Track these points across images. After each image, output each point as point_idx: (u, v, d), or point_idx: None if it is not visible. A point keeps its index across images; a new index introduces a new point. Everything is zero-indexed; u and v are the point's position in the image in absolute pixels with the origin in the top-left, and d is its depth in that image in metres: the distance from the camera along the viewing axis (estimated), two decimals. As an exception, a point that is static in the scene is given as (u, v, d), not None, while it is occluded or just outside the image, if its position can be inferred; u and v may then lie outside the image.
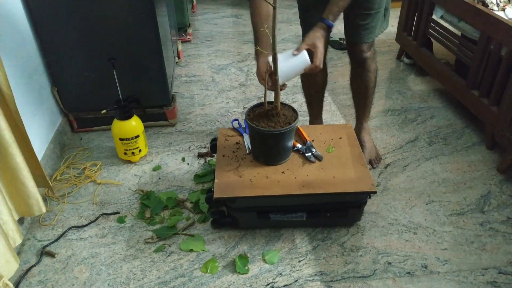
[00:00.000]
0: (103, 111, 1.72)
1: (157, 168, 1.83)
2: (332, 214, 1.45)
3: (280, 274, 1.36)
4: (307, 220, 1.45)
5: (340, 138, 1.58)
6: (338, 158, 1.48)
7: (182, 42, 2.97)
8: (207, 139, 2.00)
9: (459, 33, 2.14)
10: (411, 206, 1.61)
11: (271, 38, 1.23)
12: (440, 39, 2.23)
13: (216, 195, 1.35)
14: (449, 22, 2.17)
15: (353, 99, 1.86)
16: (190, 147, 1.96)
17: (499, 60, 1.77)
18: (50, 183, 1.60)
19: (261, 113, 1.41)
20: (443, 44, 2.21)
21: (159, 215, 1.58)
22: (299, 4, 1.63)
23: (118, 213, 1.60)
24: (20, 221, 1.49)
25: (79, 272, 1.38)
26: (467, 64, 1.98)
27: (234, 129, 1.64)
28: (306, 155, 1.48)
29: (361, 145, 1.65)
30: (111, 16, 1.77)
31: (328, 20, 1.35)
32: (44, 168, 1.62)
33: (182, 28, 3.02)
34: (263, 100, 1.39)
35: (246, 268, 1.38)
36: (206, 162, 1.85)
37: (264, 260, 1.41)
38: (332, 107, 2.26)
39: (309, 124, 1.98)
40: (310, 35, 1.34)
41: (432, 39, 2.41)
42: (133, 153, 1.81)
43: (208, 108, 2.27)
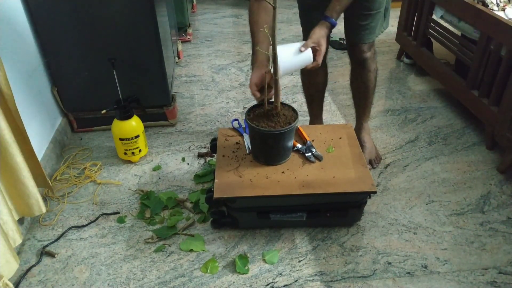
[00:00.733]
0: (103, 111, 1.72)
1: (157, 168, 1.83)
2: (332, 214, 1.45)
3: (280, 274, 1.36)
4: (307, 220, 1.45)
5: (340, 138, 1.58)
6: (338, 158, 1.48)
7: (182, 42, 2.97)
8: (207, 139, 2.00)
9: (459, 33, 2.14)
10: (411, 206, 1.61)
11: (271, 38, 1.23)
12: (440, 39, 2.23)
13: (216, 195, 1.35)
14: (449, 22, 2.17)
15: (353, 99, 1.86)
16: (190, 147, 1.96)
17: (499, 60, 1.77)
18: (50, 183, 1.60)
19: (261, 113, 1.41)
20: (443, 44, 2.21)
21: (159, 215, 1.58)
22: (300, 4, 1.63)
23: (118, 213, 1.60)
24: (20, 221, 1.49)
25: (79, 272, 1.38)
26: (467, 64, 1.98)
27: (234, 129, 1.64)
28: (306, 155, 1.48)
29: (361, 145, 1.65)
30: (111, 16, 1.77)
31: (332, 19, 1.35)
32: (44, 168, 1.62)
33: (182, 28, 3.02)
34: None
35: (246, 268, 1.38)
36: (206, 162, 1.85)
37: (264, 260, 1.41)
38: (332, 107, 2.26)
39: (309, 124, 1.98)
40: (316, 33, 1.34)
41: (432, 39, 2.41)
42: (133, 153, 1.81)
43: (208, 108, 2.27)
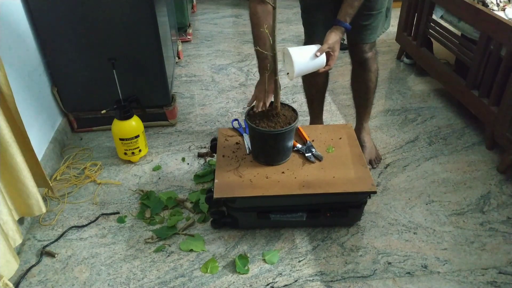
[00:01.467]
0: (103, 111, 1.72)
1: (157, 168, 1.83)
2: (332, 214, 1.45)
3: (280, 274, 1.36)
4: (307, 220, 1.45)
5: (340, 138, 1.58)
6: (338, 158, 1.48)
7: (182, 42, 2.97)
8: (207, 139, 2.00)
9: (459, 33, 2.14)
10: (411, 206, 1.61)
11: (271, 38, 1.23)
12: (440, 39, 2.23)
13: (216, 195, 1.35)
14: (449, 22, 2.17)
15: (353, 99, 1.86)
16: (190, 147, 1.96)
17: (499, 60, 1.77)
18: (50, 183, 1.60)
19: (261, 113, 1.41)
20: (443, 44, 2.21)
21: (159, 215, 1.58)
22: (301, 4, 1.62)
23: (118, 213, 1.60)
24: (20, 221, 1.49)
25: (79, 272, 1.38)
26: (467, 64, 1.98)
27: (234, 129, 1.64)
28: (306, 155, 1.48)
29: (361, 145, 1.65)
30: (111, 16, 1.77)
31: (346, 23, 1.36)
32: (44, 168, 1.62)
33: (182, 28, 3.02)
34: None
35: (246, 268, 1.38)
36: (206, 162, 1.85)
37: (264, 260, 1.41)
38: (332, 107, 2.26)
39: (309, 124, 1.98)
40: (332, 38, 1.34)
41: (432, 39, 2.41)
42: (133, 153, 1.81)
43: (208, 108, 2.27)
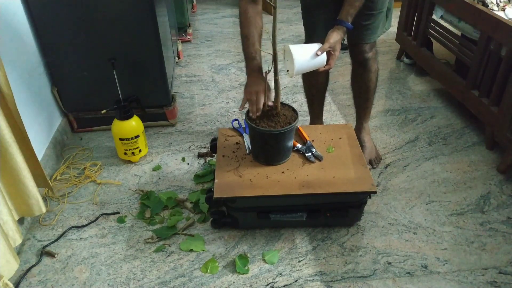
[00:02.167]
0: (103, 111, 1.72)
1: (157, 168, 1.83)
2: (332, 214, 1.45)
3: (280, 274, 1.36)
4: (307, 220, 1.45)
5: (340, 138, 1.58)
6: (338, 158, 1.48)
7: (182, 42, 2.97)
8: (207, 139, 2.00)
9: (459, 33, 2.14)
10: (411, 206, 1.61)
11: (271, 38, 1.23)
12: (440, 39, 2.23)
13: (216, 195, 1.35)
14: (449, 22, 2.17)
15: (353, 99, 1.86)
16: (190, 147, 1.96)
17: (499, 60, 1.77)
18: (50, 183, 1.60)
19: (261, 113, 1.41)
20: (443, 44, 2.21)
21: (159, 215, 1.58)
22: (302, 4, 1.62)
23: (118, 213, 1.60)
24: (20, 221, 1.49)
25: (79, 272, 1.38)
26: (467, 64, 1.98)
27: (234, 129, 1.64)
28: (306, 155, 1.48)
29: (361, 145, 1.65)
30: (111, 16, 1.77)
31: (348, 23, 1.36)
32: (44, 168, 1.62)
33: (182, 28, 3.02)
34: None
35: (246, 268, 1.38)
36: (206, 162, 1.85)
37: (264, 260, 1.41)
38: (332, 107, 2.26)
39: (309, 124, 1.97)
40: (333, 37, 1.34)
41: (432, 39, 2.41)
42: (133, 153, 1.81)
43: (208, 108, 2.27)
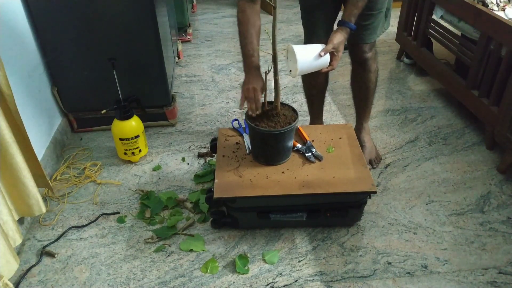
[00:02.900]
0: (103, 111, 1.72)
1: (157, 168, 1.83)
2: (332, 214, 1.45)
3: (280, 274, 1.36)
4: (307, 220, 1.45)
5: (340, 138, 1.58)
6: (338, 158, 1.48)
7: (182, 42, 2.97)
8: (207, 139, 2.00)
9: (459, 33, 2.14)
10: (411, 206, 1.61)
11: (271, 38, 1.23)
12: (440, 39, 2.23)
13: (216, 195, 1.35)
14: (449, 22, 2.17)
15: (353, 99, 1.86)
16: (190, 147, 1.96)
17: (499, 60, 1.77)
18: (50, 183, 1.60)
19: (261, 113, 1.41)
20: (443, 44, 2.21)
21: (159, 215, 1.58)
22: (301, 4, 1.62)
23: (118, 213, 1.60)
24: (20, 221, 1.49)
25: (79, 272, 1.38)
26: (467, 64, 1.98)
27: (234, 129, 1.64)
28: (306, 155, 1.48)
29: (361, 145, 1.65)
30: (111, 16, 1.77)
31: (351, 23, 1.36)
32: (44, 168, 1.62)
33: (182, 28, 3.02)
34: (262, 100, 1.39)
35: (246, 268, 1.38)
36: (206, 162, 1.85)
37: (264, 260, 1.41)
38: (332, 107, 2.26)
39: (309, 124, 1.97)
40: (337, 38, 1.34)
41: (432, 39, 2.41)
42: (133, 153, 1.81)
43: (208, 108, 2.27)
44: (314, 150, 1.50)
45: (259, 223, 1.50)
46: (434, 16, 2.28)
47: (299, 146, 1.52)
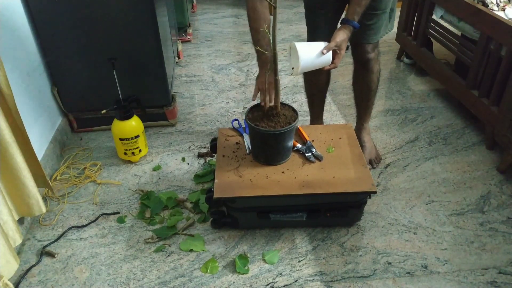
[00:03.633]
0: (103, 111, 1.72)
1: (157, 168, 1.83)
2: (332, 214, 1.45)
3: (280, 274, 1.36)
4: (307, 220, 1.45)
5: (340, 138, 1.58)
6: (338, 158, 1.48)
7: (182, 42, 2.97)
8: (207, 139, 2.00)
9: (459, 33, 2.14)
10: (411, 206, 1.61)
11: (271, 38, 1.23)
12: (440, 39, 2.23)
13: (216, 195, 1.35)
14: (449, 22, 2.17)
15: (354, 99, 1.85)
16: (190, 147, 1.96)
17: (499, 60, 1.77)
18: (50, 183, 1.60)
19: (261, 113, 1.41)
20: (443, 44, 2.21)
21: (159, 215, 1.58)
22: (306, 3, 1.62)
23: (118, 213, 1.60)
24: (20, 221, 1.49)
25: (79, 272, 1.38)
26: (467, 64, 1.98)
27: (234, 129, 1.64)
28: (306, 155, 1.48)
29: (361, 145, 1.65)
30: (111, 16, 1.77)
31: (354, 22, 1.36)
32: (44, 168, 1.62)
33: (182, 28, 3.02)
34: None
35: (246, 268, 1.38)
36: (206, 162, 1.85)
37: (264, 260, 1.41)
38: (332, 107, 2.26)
39: (309, 124, 1.97)
40: (340, 36, 1.34)
41: (432, 39, 2.41)
42: (133, 153, 1.81)
43: (208, 108, 2.27)
44: (314, 150, 1.50)
45: (259, 223, 1.50)
46: (434, 16, 2.28)
47: (299, 146, 1.52)
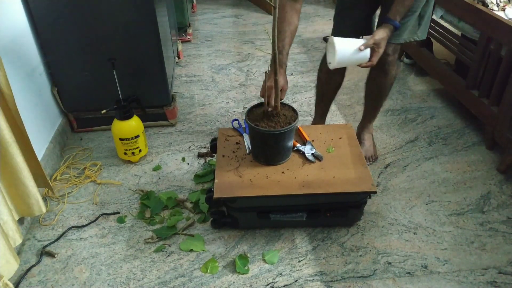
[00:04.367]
0: (103, 111, 1.72)
1: (157, 168, 1.83)
2: (332, 214, 1.45)
3: (280, 274, 1.36)
4: (307, 220, 1.45)
5: (340, 138, 1.58)
6: (338, 158, 1.48)
7: (182, 42, 2.97)
8: (207, 139, 2.00)
9: (459, 33, 2.14)
10: (411, 206, 1.61)
11: (271, 38, 1.23)
12: (440, 39, 2.23)
13: (216, 195, 1.35)
14: (449, 22, 2.17)
15: (364, 98, 1.85)
16: (190, 147, 1.96)
17: (499, 60, 1.77)
18: (50, 183, 1.60)
19: (261, 113, 1.41)
20: (443, 44, 2.21)
21: (159, 215, 1.58)
22: (338, 2, 1.61)
23: (118, 213, 1.60)
24: (20, 221, 1.49)
25: (79, 272, 1.38)
26: (467, 64, 1.98)
27: (234, 129, 1.64)
28: (306, 155, 1.48)
29: (360, 142, 1.65)
30: (111, 16, 1.77)
31: (395, 21, 1.35)
32: (44, 168, 1.62)
33: (182, 28, 3.02)
34: (263, 100, 1.39)
35: (246, 268, 1.38)
36: (206, 162, 1.85)
37: (264, 260, 1.41)
38: (332, 107, 2.25)
39: (312, 121, 1.97)
40: (380, 34, 1.34)
41: (432, 39, 2.41)
42: (133, 153, 1.81)
43: (208, 108, 2.27)
44: (314, 150, 1.50)
45: (259, 223, 1.50)
46: (434, 16, 2.28)
47: (299, 146, 1.52)
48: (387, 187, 1.71)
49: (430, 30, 2.29)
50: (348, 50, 1.33)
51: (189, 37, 3.06)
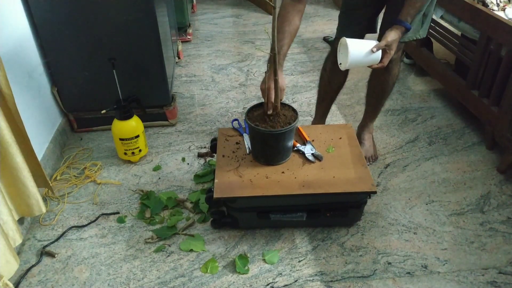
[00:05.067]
0: (103, 111, 1.72)
1: (157, 168, 1.83)
2: (332, 214, 1.45)
3: (280, 274, 1.36)
4: (307, 220, 1.45)
5: (340, 138, 1.58)
6: (338, 158, 1.48)
7: (182, 42, 2.97)
8: (207, 139, 2.00)
9: (459, 33, 2.14)
10: (411, 206, 1.61)
11: (270, 38, 1.23)
12: (440, 39, 2.23)
13: (216, 195, 1.35)
14: (449, 22, 2.17)
15: (366, 97, 1.85)
16: (190, 147, 1.96)
17: (499, 60, 1.77)
18: (50, 183, 1.60)
19: (261, 113, 1.41)
20: (443, 44, 2.21)
21: (159, 215, 1.58)
22: (344, 3, 1.61)
23: (118, 213, 1.60)
24: (20, 221, 1.49)
25: (79, 272, 1.38)
26: (467, 64, 1.98)
27: (234, 129, 1.64)
28: (306, 155, 1.48)
29: (360, 142, 1.65)
30: (111, 16, 1.77)
31: (407, 23, 1.35)
32: (44, 168, 1.62)
33: (182, 28, 3.02)
34: (263, 100, 1.39)
35: (246, 268, 1.38)
36: (206, 162, 1.85)
37: (264, 260, 1.41)
38: (332, 107, 2.24)
39: (312, 122, 1.97)
40: (391, 36, 1.34)
41: (432, 39, 2.41)
42: (133, 153, 1.81)
43: (208, 108, 2.27)
44: (314, 150, 1.50)
45: (259, 223, 1.50)
46: (434, 16, 2.28)
47: (299, 146, 1.52)
48: (387, 187, 1.71)
49: (430, 30, 2.29)
50: (360, 51, 1.33)
51: (189, 37, 3.06)
